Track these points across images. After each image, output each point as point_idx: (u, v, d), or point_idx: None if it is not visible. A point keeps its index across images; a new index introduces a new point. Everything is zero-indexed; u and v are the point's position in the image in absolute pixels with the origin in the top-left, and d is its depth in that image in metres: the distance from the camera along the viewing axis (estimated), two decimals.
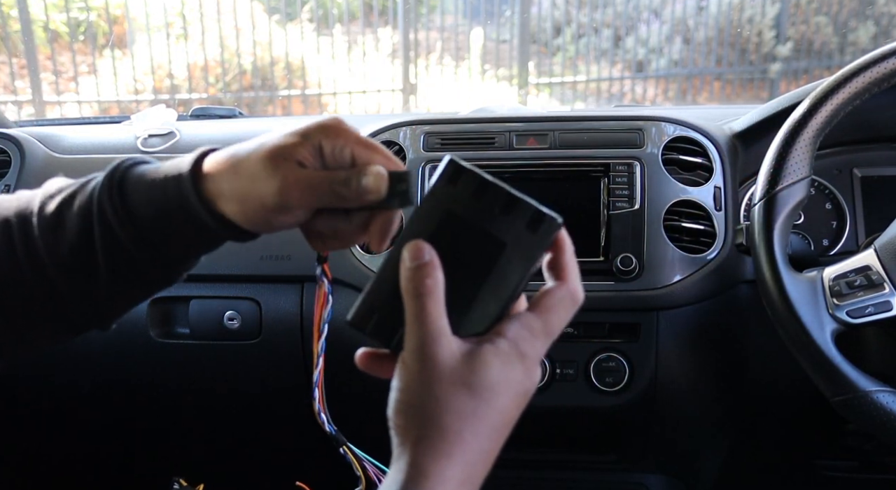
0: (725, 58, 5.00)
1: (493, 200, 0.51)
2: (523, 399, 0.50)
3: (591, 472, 1.15)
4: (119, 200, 0.56)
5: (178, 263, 0.60)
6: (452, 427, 0.47)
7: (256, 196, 0.54)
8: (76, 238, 0.57)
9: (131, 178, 0.57)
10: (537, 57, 5.03)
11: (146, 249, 0.57)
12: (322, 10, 4.70)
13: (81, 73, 4.38)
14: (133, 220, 0.56)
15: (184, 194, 0.55)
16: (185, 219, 0.56)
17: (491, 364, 0.48)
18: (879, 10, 5.04)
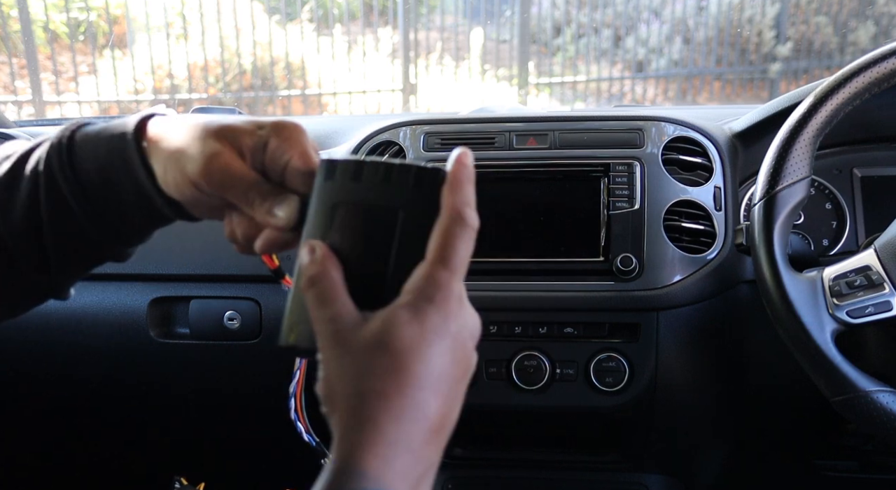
0: (725, 58, 5.00)
1: (373, 175, 0.50)
2: (455, 343, 0.46)
3: (591, 472, 1.15)
4: (67, 156, 0.56)
5: (124, 228, 0.59)
6: (373, 388, 0.43)
7: (181, 162, 0.54)
8: (26, 198, 0.57)
9: (79, 136, 0.58)
10: (537, 57, 5.03)
11: (89, 205, 0.57)
12: (322, 10, 4.70)
13: (81, 73, 4.38)
14: (77, 174, 0.56)
15: (125, 149, 0.56)
16: (126, 175, 0.56)
17: (398, 317, 0.45)
18: (879, 10, 5.04)
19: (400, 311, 0.45)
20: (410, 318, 0.45)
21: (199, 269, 1.11)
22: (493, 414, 1.07)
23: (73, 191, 0.56)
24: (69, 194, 0.56)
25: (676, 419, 1.09)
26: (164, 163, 0.55)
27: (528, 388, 1.02)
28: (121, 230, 0.59)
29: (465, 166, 0.48)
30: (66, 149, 0.57)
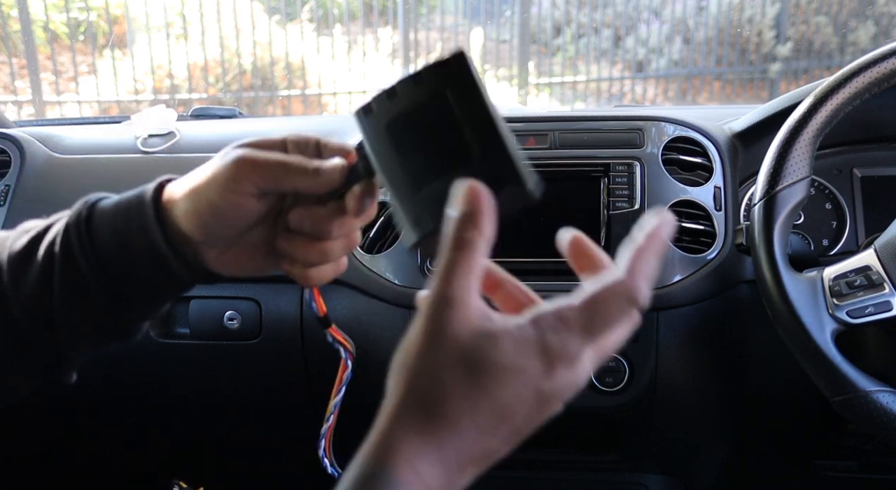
0: (725, 58, 5.00)
1: (405, 86, 0.50)
2: (536, 399, 0.42)
3: (591, 472, 1.15)
4: (85, 224, 0.57)
5: (137, 296, 0.58)
6: (435, 399, 0.40)
7: (206, 188, 0.54)
8: (40, 271, 0.57)
9: (98, 205, 0.58)
10: (537, 57, 5.03)
11: (102, 272, 0.56)
12: (322, 10, 4.70)
13: (81, 73, 4.38)
14: (93, 240, 0.56)
15: (142, 208, 0.56)
16: (140, 236, 0.55)
17: (502, 346, 0.41)
18: (879, 10, 5.04)
19: (507, 340, 0.41)
20: (515, 353, 0.41)
21: None
22: None
23: (87, 257, 0.56)
24: (82, 260, 0.56)
25: (676, 419, 1.09)
26: (185, 204, 0.55)
27: None
28: (133, 300, 0.58)
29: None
30: (85, 217, 0.57)
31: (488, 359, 0.40)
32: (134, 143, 1.25)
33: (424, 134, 0.50)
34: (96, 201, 0.59)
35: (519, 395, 0.41)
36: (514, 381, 0.41)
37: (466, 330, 0.41)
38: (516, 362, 0.41)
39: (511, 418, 0.42)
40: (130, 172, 1.20)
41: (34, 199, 1.18)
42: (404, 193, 0.50)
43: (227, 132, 1.28)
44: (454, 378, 0.40)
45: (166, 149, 1.23)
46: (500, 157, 0.49)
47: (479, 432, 0.41)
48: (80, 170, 1.22)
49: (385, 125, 0.51)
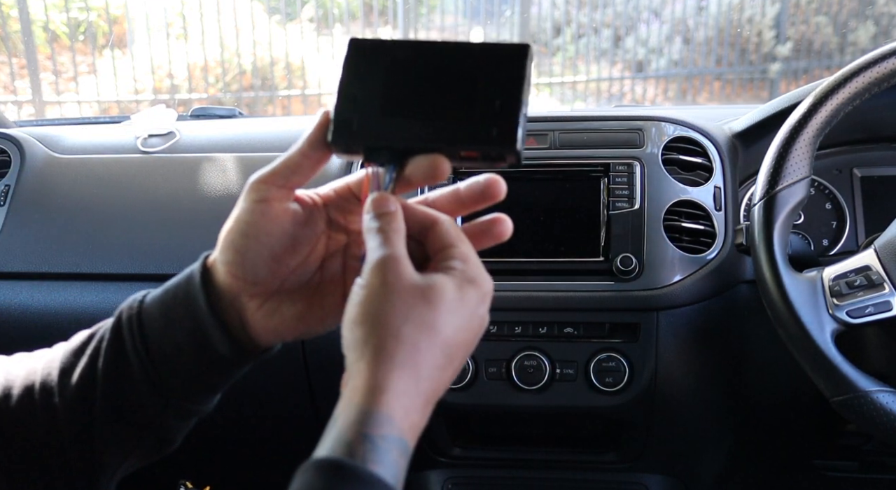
0: (725, 58, 5.00)
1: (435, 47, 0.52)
2: (478, 324, 0.50)
3: (591, 472, 1.15)
4: (137, 307, 0.57)
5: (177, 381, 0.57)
6: (410, 337, 0.46)
7: (236, 217, 0.55)
8: (88, 361, 0.57)
9: (152, 293, 0.58)
10: (537, 57, 5.03)
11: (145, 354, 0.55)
12: (322, 10, 4.70)
13: (81, 73, 4.38)
14: (142, 323, 0.56)
15: (190, 280, 0.56)
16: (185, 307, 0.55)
17: (446, 283, 0.48)
18: (879, 10, 5.04)
19: (448, 279, 0.48)
20: (456, 288, 0.48)
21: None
22: (492, 414, 1.08)
23: (133, 333, 0.56)
24: (127, 336, 0.56)
25: (676, 419, 1.09)
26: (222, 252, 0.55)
27: (527, 387, 1.02)
28: (173, 385, 0.57)
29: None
30: (139, 301, 0.57)
31: (440, 292, 0.47)
32: (134, 143, 1.25)
33: (437, 84, 0.50)
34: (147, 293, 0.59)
35: (467, 319, 0.49)
36: (462, 309, 0.48)
37: (415, 277, 0.48)
38: (460, 294, 0.48)
39: (464, 344, 0.49)
40: (130, 172, 1.20)
41: (34, 199, 1.19)
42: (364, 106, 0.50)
43: (227, 132, 1.28)
44: (419, 318, 0.46)
45: (166, 149, 1.23)
46: (511, 141, 0.50)
47: (444, 362, 0.47)
48: (80, 170, 1.22)
49: (391, 61, 0.51)
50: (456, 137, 0.50)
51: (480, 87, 0.50)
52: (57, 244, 1.15)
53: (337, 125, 0.51)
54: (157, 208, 1.15)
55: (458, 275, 0.49)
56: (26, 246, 1.15)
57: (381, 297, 0.47)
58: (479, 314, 0.50)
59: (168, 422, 0.59)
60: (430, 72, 0.51)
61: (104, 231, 1.15)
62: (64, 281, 1.14)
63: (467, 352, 0.50)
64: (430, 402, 0.47)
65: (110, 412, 0.56)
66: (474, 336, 0.50)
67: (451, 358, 0.48)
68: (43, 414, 0.57)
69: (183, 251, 1.12)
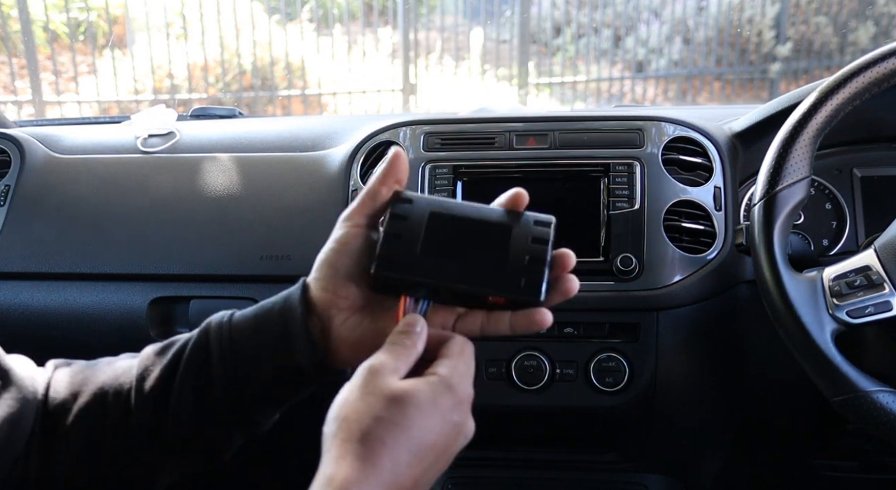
0: (725, 58, 5.00)
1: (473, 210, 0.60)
2: (451, 428, 0.53)
3: (591, 472, 1.15)
4: (228, 320, 0.63)
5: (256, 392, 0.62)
6: (374, 433, 0.50)
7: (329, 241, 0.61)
8: (167, 367, 0.62)
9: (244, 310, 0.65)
10: (537, 57, 5.03)
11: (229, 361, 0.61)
12: (322, 10, 4.70)
13: (81, 73, 4.39)
14: (232, 337, 0.62)
15: (290, 300, 0.62)
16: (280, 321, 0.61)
17: (421, 388, 0.52)
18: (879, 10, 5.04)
19: (423, 384, 0.53)
20: (430, 391, 0.52)
21: (199, 269, 1.11)
22: (493, 414, 1.07)
23: (222, 343, 0.61)
24: (215, 345, 0.61)
25: (676, 419, 1.09)
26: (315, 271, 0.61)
27: (528, 387, 1.02)
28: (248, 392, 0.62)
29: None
30: (230, 315, 0.64)
31: (411, 395, 0.51)
32: (134, 143, 1.25)
33: (473, 235, 0.57)
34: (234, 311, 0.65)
35: (439, 426, 0.52)
36: (433, 412, 0.52)
37: (393, 384, 0.52)
38: (433, 397, 0.52)
39: (434, 446, 0.52)
40: (130, 172, 1.20)
41: (34, 199, 1.19)
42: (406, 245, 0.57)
43: (227, 132, 1.29)
44: (388, 418, 0.50)
45: (166, 149, 1.23)
46: (536, 292, 0.56)
47: (411, 459, 0.50)
48: (80, 170, 1.22)
49: (433, 210, 0.57)
50: (488, 282, 0.56)
51: (513, 243, 0.57)
52: (57, 244, 1.15)
53: (380, 259, 0.57)
54: (157, 208, 1.15)
55: (436, 380, 0.53)
56: (26, 246, 1.15)
57: (356, 397, 0.52)
58: (452, 419, 0.53)
59: (230, 431, 0.64)
60: (467, 224, 0.57)
61: (104, 231, 1.15)
62: (64, 281, 1.14)
63: (442, 454, 0.53)
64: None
65: (182, 414, 0.61)
66: (448, 439, 0.53)
67: (420, 457, 0.51)
68: (114, 412, 0.62)
69: (183, 251, 1.12)
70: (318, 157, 1.16)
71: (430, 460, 0.52)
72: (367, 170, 1.10)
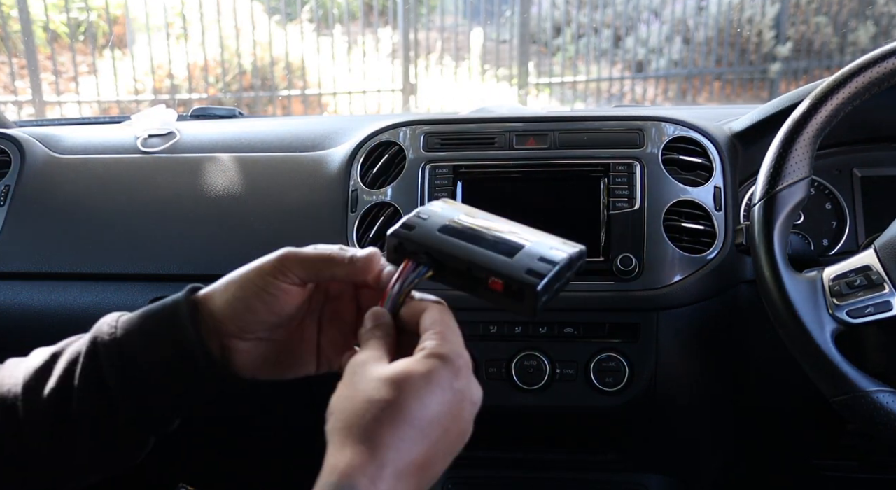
0: (725, 58, 5.00)
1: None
2: (454, 398, 0.52)
3: (591, 472, 1.15)
4: (111, 330, 0.60)
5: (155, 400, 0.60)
6: (375, 417, 0.49)
7: (254, 274, 0.59)
8: (59, 380, 0.59)
9: (124, 317, 0.61)
10: (537, 57, 5.03)
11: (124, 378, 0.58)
12: (322, 10, 4.70)
13: (81, 74, 4.39)
14: (120, 344, 0.59)
15: (176, 308, 0.59)
16: (168, 330, 0.59)
17: (412, 366, 0.51)
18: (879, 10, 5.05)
19: (416, 363, 0.52)
20: (423, 367, 0.51)
21: (199, 270, 1.11)
22: (493, 414, 1.07)
23: (112, 356, 0.59)
24: (105, 361, 0.58)
25: (676, 419, 1.09)
26: (226, 294, 0.60)
27: (528, 387, 1.02)
28: (151, 404, 0.60)
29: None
30: (113, 324, 0.60)
31: (404, 379, 0.50)
32: (134, 143, 1.25)
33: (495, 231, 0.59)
34: (120, 316, 0.62)
35: (439, 399, 0.51)
36: (431, 389, 0.50)
37: (381, 370, 0.51)
38: (427, 374, 0.51)
39: (439, 419, 0.51)
40: (130, 172, 1.20)
41: (34, 199, 1.19)
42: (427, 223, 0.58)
43: (227, 132, 1.28)
44: (382, 400, 0.49)
45: (166, 149, 1.23)
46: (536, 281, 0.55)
47: (415, 435, 0.50)
48: (80, 170, 1.22)
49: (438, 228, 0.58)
50: (491, 264, 0.56)
51: (529, 245, 0.58)
52: (57, 244, 1.15)
53: (402, 224, 0.58)
54: (157, 208, 1.15)
55: (426, 354, 0.52)
56: (26, 246, 1.15)
57: (348, 391, 0.52)
58: (453, 388, 0.52)
59: (140, 438, 0.62)
60: (492, 222, 0.59)
61: (104, 231, 1.15)
62: (64, 281, 1.14)
63: (451, 425, 0.52)
64: (408, 473, 0.49)
65: (85, 430, 0.59)
66: (453, 409, 0.52)
67: (426, 432, 0.50)
68: (5, 428, 0.59)
69: (183, 251, 1.12)
70: (318, 157, 1.16)
71: (437, 434, 0.51)
72: (367, 170, 1.10)
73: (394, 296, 0.57)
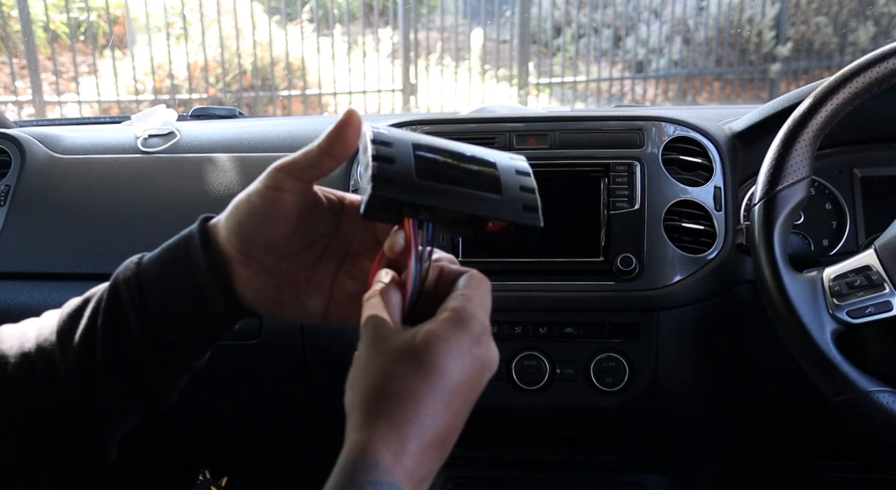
0: (725, 58, 5.00)
1: None
2: (473, 365, 0.50)
3: (591, 472, 1.15)
4: (134, 268, 0.59)
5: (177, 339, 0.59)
6: (395, 389, 0.47)
7: (248, 195, 0.57)
8: (87, 324, 0.59)
9: (148, 255, 0.61)
10: (537, 57, 5.03)
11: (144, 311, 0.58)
12: (322, 11, 4.71)
13: (82, 74, 4.39)
14: (140, 282, 0.59)
15: (190, 239, 0.58)
16: (184, 263, 0.58)
17: (431, 329, 0.49)
18: (879, 10, 5.05)
19: (436, 325, 0.49)
20: (443, 330, 0.49)
21: None
22: (493, 414, 1.07)
23: (131, 291, 0.58)
24: (126, 295, 0.58)
25: (676, 419, 1.09)
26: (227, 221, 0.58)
27: (528, 388, 1.02)
28: (171, 341, 0.59)
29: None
30: (136, 262, 0.60)
31: (426, 346, 0.48)
32: (134, 143, 1.25)
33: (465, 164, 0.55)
34: (144, 254, 0.62)
35: (460, 365, 0.49)
36: (452, 353, 0.48)
37: (399, 336, 0.50)
38: (447, 339, 0.49)
39: (460, 387, 0.49)
40: (130, 172, 1.20)
41: (34, 199, 1.19)
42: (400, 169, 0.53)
43: (228, 132, 1.28)
44: (404, 370, 0.48)
45: (166, 149, 1.23)
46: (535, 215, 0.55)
47: (437, 406, 0.48)
48: (80, 170, 1.22)
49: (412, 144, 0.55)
50: (489, 207, 0.54)
51: (501, 173, 0.56)
52: (57, 244, 1.15)
53: (376, 180, 0.52)
54: (158, 208, 1.16)
55: (447, 317, 0.50)
56: (26, 246, 1.15)
57: (364, 361, 0.50)
58: (473, 354, 0.50)
59: (165, 377, 0.61)
60: (452, 156, 0.56)
61: (104, 231, 1.15)
62: (64, 281, 1.14)
63: (470, 393, 0.50)
64: (430, 447, 0.48)
65: (111, 370, 0.58)
66: (473, 376, 0.50)
67: (448, 402, 0.48)
68: (44, 376, 0.59)
69: None
70: None
71: (458, 404, 0.49)
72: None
73: (416, 264, 0.53)
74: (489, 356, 0.51)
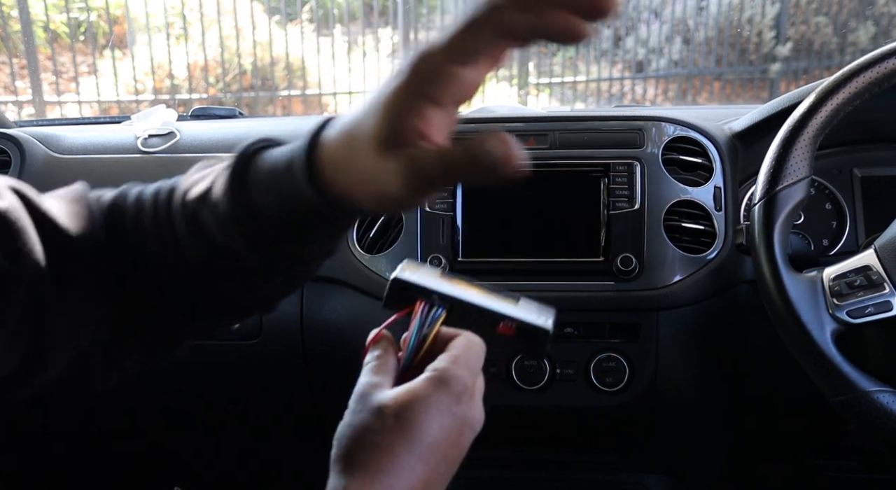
0: (725, 58, 5.00)
1: None
2: (453, 424, 0.52)
3: (591, 472, 1.15)
4: (254, 143, 0.56)
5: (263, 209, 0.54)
6: (372, 441, 0.50)
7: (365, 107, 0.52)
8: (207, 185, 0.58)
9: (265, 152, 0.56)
10: (537, 57, 5.03)
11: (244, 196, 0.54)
12: (322, 11, 4.70)
13: (82, 74, 4.39)
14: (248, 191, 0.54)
15: (300, 146, 0.52)
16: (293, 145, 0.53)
17: (412, 388, 0.51)
18: (879, 10, 5.04)
19: (417, 385, 0.52)
20: (423, 389, 0.51)
21: None
22: (493, 414, 1.07)
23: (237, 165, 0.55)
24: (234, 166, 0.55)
25: (676, 419, 1.09)
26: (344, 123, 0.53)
27: (528, 388, 1.02)
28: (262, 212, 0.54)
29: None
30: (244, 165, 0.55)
31: (405, 404, 0.50)
32: (134, 143, 1.25)
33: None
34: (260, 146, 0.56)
35: (438, 421, 0.51)
36: (430, 411, 0.51)
37: (385, 395, 0.51)
38: (427, 397, 0.51)
39: (438, 443, 0.51)
40: (131, 172, 1.20)
41: None
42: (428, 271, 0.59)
43: (228, 132, 1.28)
44: (380, 427, 0.50)
45: (166, 149, 1.23)
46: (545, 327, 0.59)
47: (413, 461, 0.50)
48: (80, 170, 1.22)
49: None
50: (502, 309, 0.58)
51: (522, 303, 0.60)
52: None
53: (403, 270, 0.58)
54: None
55: (429, 377, 0.52)
56: None
57: (349, 418, 0.52)
58: (454, 412, 0.52)
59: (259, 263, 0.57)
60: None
61: None
62: None
63: (451, 450, 0.52)
64: None
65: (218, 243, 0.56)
66: (452, 434, 0.52)
67: (425, 457, 0.50)
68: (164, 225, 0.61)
69: None
70: None
71: (436, 459, 0.51)
72: None
73: (416, 334, 0.57)
74: (471, 415, 0.54)
